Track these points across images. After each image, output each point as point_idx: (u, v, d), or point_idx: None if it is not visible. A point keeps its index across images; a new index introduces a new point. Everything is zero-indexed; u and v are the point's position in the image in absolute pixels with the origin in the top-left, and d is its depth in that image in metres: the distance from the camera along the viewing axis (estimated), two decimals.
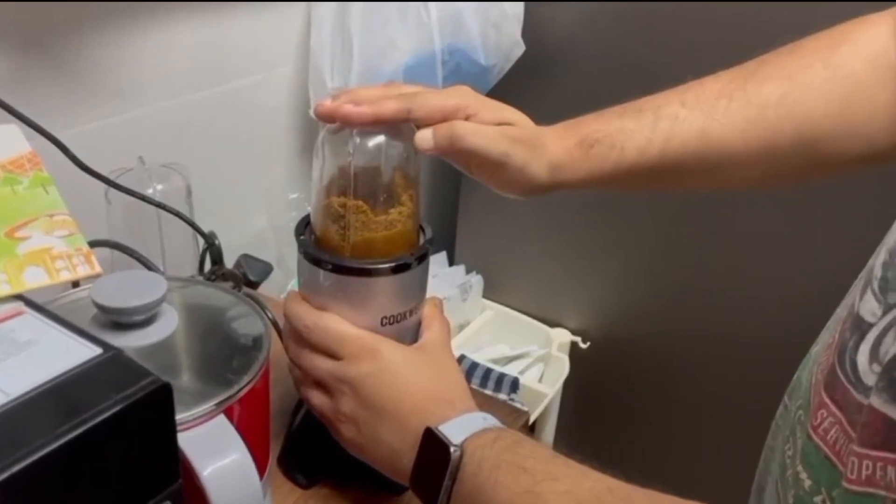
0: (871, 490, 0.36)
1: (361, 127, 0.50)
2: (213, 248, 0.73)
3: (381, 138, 0.51)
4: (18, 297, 0.39)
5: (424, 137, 0.51)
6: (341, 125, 0.51)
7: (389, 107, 0.50)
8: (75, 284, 0.49)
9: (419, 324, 0.54)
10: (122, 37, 0.84)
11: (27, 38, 0.75)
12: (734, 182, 0.57)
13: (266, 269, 0.78)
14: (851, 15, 0.56)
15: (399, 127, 0.52)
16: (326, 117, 0.51)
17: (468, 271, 1.37)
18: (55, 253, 0.42)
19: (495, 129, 0.53)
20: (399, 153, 0.52)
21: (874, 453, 0.36)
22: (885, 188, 0.50)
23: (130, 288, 0.47)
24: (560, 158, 0.55)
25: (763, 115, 0.54)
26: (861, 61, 0.54)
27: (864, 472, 0.36)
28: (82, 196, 0.57)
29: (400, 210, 0.51)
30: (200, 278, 0.73)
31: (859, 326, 0.40)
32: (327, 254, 0.51)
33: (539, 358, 1.29)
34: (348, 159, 0.50)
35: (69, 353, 0.35)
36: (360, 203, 0.50)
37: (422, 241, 0.53)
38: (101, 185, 0.67)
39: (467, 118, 0.53)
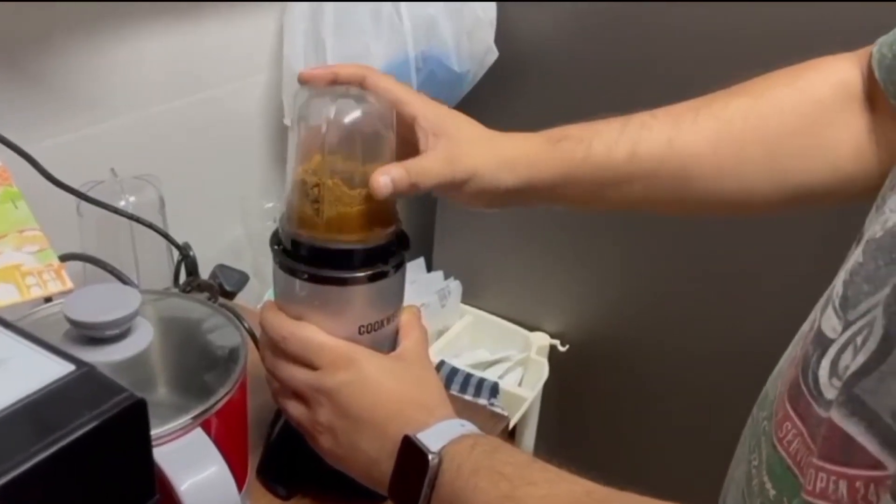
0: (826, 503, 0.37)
1: (321, 86, 0.54)
2: (187, 260, 0.72)
3: (356, 113, 0.50)
4: None
5: (384, 184, 0.50)
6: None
7: (346, 70, 0.55)
8: (48, 299, 0.49)
9: (397, 332, 0.54)
10: (92, 46, 0.83)
11: None
12: (705, 204, 0.58)
13: (242, 279, 0.77)
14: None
15: (372, 100, 0.52)
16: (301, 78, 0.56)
17: (446, 277, 1.36)
18: (25, 269, 0.42)
19: (436, 159, 0.53)
20: (373, 126, 0.51)
21: (829, 467, 0.37)
22: (855, 210, 0.51)
23: (104, 302, 0.46)
24: (528, 154, 0.55)
25: (730, 129, 0.56)
26: (827, 87, 0.56)
27: (818, 485, 0.37)
28: (53, 210, 0.56)
29: None
30: (175, 290, 0.73)
31: (821, 342, 0.41)
32: (303, 231, 0.50)
33: (518, 362, 1.30)
34: (323, 131, 0.50)
35: (41, 370, 0.34)
36: (336, 180, 0.50)
37: (396, 223, 0.53)
38: (73, 199, 0.66)
39: (414, 120, 0.54)
